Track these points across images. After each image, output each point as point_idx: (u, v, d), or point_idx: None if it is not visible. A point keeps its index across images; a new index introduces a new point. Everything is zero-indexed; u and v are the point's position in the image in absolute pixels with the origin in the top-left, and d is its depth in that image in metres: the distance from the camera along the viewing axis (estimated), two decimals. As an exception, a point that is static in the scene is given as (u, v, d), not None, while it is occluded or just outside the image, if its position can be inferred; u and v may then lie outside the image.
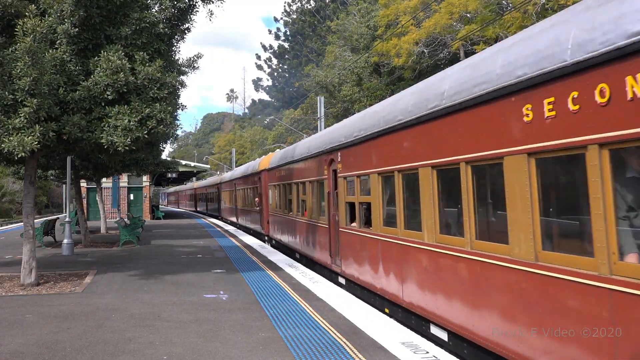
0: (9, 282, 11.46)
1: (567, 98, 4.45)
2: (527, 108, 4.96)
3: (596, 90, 4.14)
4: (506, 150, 5.32)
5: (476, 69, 6.04)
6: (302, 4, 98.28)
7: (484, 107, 5.72)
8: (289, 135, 67.05)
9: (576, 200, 4.68)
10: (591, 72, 4.21)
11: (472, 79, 6.00)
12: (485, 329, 5.77)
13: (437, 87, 6.90)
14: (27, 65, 9.19)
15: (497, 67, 5.52)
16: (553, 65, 4.63)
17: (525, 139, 5.01)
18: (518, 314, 5.21)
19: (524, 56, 5.11)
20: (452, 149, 6.37)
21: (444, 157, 6.55)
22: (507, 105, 5.27)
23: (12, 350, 6.54)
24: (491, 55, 5.92)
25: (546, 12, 24.39)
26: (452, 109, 6.35)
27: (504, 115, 5.32)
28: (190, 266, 13.75)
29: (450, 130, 6.45)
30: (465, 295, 6.12)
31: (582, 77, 4.30)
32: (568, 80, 4.46)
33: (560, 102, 4.53)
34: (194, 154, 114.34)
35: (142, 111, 10.27)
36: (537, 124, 4.81)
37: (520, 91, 5.07)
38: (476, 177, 6.06)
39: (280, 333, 7.09)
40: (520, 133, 5.08)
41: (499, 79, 5.39)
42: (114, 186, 32.29)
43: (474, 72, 6.02)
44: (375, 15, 41.23)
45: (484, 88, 5.66)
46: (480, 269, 5.86)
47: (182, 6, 11.47)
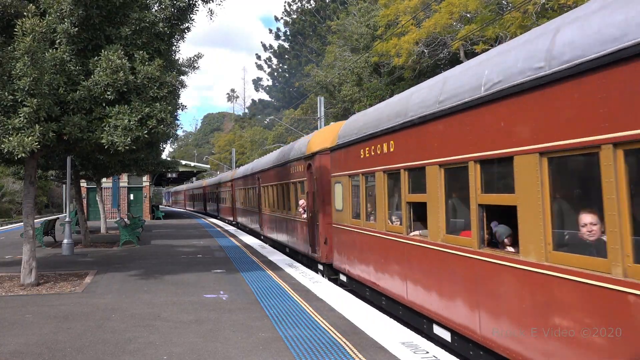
0: (9, 282, 11.46)
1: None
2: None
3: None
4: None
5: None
6: (302, 4, 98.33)
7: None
8: (289, 135, 67.02)
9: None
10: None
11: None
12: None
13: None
14: (26, 65, 9.18)
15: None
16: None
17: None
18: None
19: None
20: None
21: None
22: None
23: (12, 350, 6.53)
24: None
25: (546, 12, 24.40)
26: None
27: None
28: (190, 266, 13.74)
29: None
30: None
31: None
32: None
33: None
34: (194, 154, 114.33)
35: (142, 110, 10.28)
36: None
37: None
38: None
39: (281, 333, 7.08)
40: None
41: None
42: (114, 186, 32.25)
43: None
44: (375, 15, 41.24)
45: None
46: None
47: (182, 5, 11.46)
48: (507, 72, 5.44)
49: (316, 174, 13.29)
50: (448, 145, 6.58)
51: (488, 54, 6.45)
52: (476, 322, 5.96)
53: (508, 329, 5.35)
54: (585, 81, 4.40)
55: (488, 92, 5.69)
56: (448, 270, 6.60)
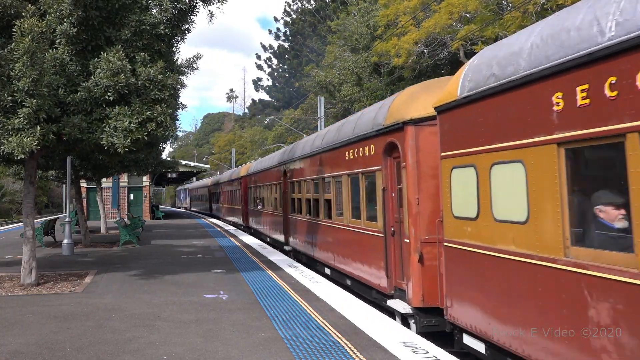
0: (9, 282, 11.46)
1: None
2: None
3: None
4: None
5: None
6: (302, 4, 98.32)
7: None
8: (289, 135, 67.04)
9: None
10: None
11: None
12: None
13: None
14: (26, 65, 9.18)
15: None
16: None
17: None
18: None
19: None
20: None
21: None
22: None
23: (12, 350, 6.54)
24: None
25: (546, 11, 24.41)
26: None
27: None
28: (191, 266, 13.75)
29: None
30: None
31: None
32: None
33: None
34: (194, 154, 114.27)
35: (143, 113, 10.26)
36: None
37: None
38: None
39: (280, 333, 7.09)
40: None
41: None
42: (114, 186, 32.27)
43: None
44: (375, 15, 41.24)
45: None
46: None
47: (183, 7, 11.46)
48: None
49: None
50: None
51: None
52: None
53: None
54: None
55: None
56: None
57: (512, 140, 5.47)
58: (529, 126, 5.19)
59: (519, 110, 5.37)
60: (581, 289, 4.50)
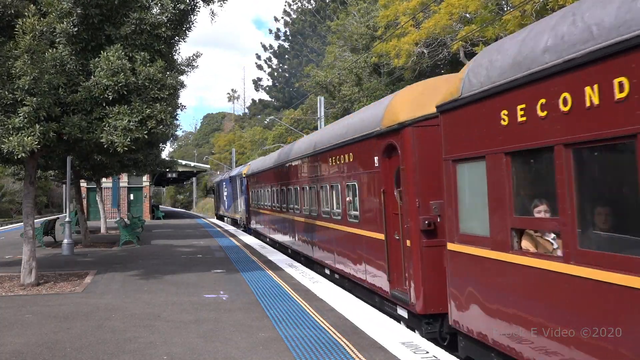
0: (9, 282, 11.46)
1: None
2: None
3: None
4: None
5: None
6: (302, 4, 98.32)
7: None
8: (289, 135, 67.03)
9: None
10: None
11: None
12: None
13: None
14: (26, 64, 9.19)
15: None
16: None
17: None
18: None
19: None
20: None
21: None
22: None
23: (12, 350, 6.54)
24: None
25: (546, 11, 24.41)
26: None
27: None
28: (191, 266, 13.74)
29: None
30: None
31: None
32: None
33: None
34: (193, 154, 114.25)
35: (143, 112, 10.26)
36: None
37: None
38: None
39: (281, 333, 7.09)
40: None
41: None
42: (114, 186, 32.24)
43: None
44: (375, 15, 41.25)
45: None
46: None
47: (184, 7, 11.44)
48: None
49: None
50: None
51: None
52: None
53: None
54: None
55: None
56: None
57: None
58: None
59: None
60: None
